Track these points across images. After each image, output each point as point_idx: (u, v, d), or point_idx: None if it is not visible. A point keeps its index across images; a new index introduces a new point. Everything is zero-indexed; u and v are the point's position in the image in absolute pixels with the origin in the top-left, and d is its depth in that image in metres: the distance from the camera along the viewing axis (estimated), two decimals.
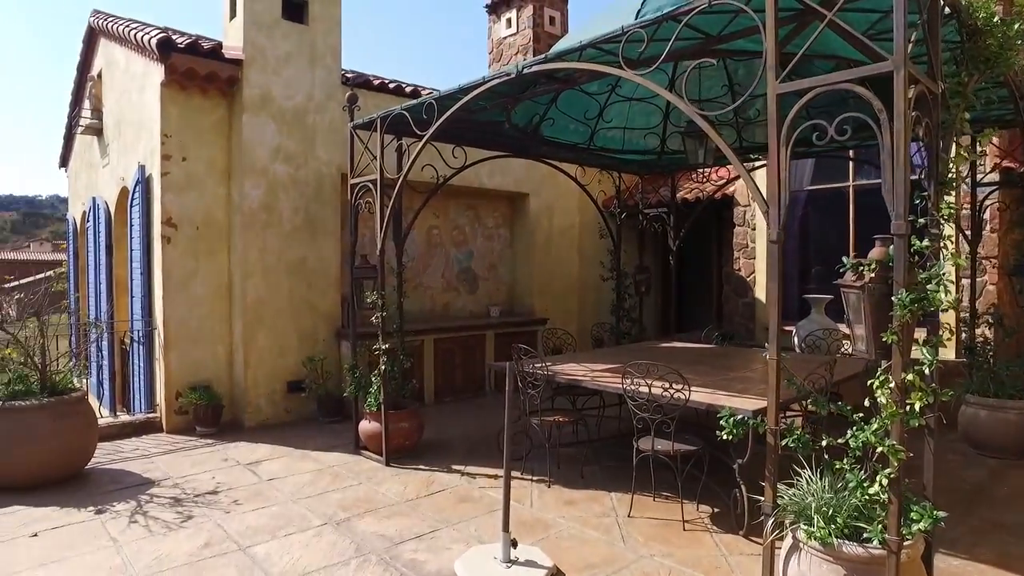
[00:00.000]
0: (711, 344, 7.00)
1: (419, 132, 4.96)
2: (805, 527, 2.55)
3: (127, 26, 7.27)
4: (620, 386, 4.29)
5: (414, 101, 5.00)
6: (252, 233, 6.59)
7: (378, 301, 5.24)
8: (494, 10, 12.18)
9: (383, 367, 5.25)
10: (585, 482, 4.90)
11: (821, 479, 2.68)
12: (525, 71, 4.12)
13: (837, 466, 2.64)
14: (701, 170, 8.03)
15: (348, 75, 7.53)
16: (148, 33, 6.56)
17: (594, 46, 3.79)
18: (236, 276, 6.64)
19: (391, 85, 7.84)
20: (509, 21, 12.18)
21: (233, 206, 6.70)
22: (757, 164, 7.00)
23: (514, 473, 5.11)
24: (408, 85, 8.07)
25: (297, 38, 7.01)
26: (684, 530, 4.02)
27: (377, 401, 5.29)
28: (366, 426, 5.45)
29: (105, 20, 8.31)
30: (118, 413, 7.37)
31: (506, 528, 3.56)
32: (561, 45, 4.45)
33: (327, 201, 7.12)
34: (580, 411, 5.43)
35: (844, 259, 2.88)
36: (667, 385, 4.00)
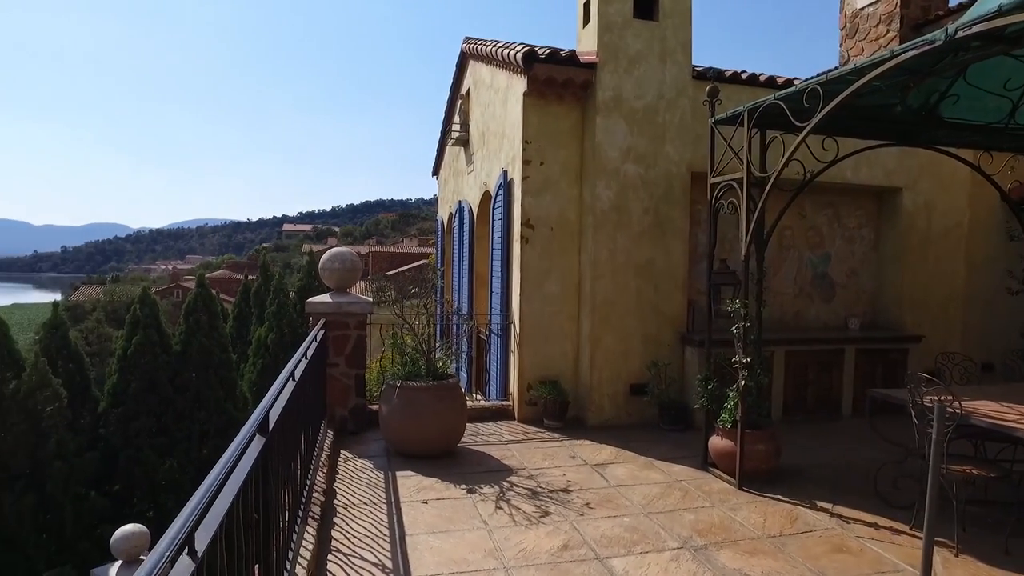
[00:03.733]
0: None
1: (797, 123, 4.38)
2: None
3: (493, 46, 7.96)
4: None
5: (791, 88, 4.44)
6: (603, 234, 6.68)
7: (740, 310, 4.81)
8: None
9: (742, 382, 4.80)
10: (1013, 561, 3.81)
11: None
12: (959, 34, 3.29)
13: None
14: None
15: (696, 69, 7.18)
16: (513, 49, 7.05)
17: None
18: (586, 276, 6.80)
19: (744, 76, 7.28)
20: None
21: (585, 207, 6.87)
22: None
23: (899, 525, 4.27)
24: (762, 74, 7.41)
25: (648, 36, 6.89)
26: None
27: (732, 418, 4.88)
28: (717, 443, 5.07)
29: (474, 44, 9.27)
30: (476, 397, 8.17)
31: None
32: None
33: (676, 201, 6.89)
34: (995, 462, 4.30)
35: None
36: None
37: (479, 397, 8.24)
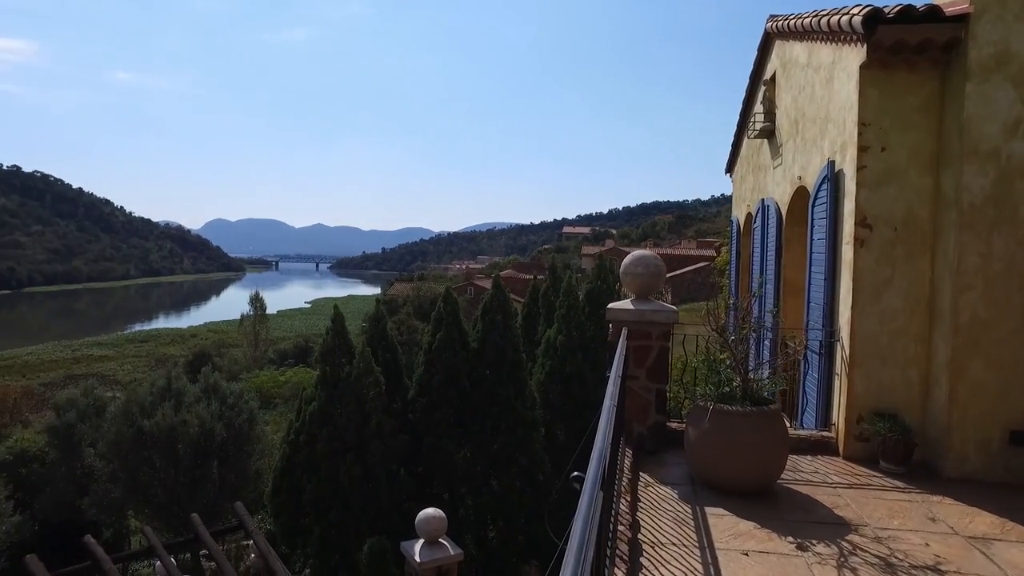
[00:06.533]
0: None
1: None
2: None
3: (814, 17, 6.83)
4: None
5: None
6: (971, 234, 5.22)
7: None
8: None
9: None
10: None
11: None
12: None
13: None
14: None
15: None
16: (847, 14, 5.90)
17: None
18: (943, 288, 5.40)
19: None
20: None
21: (943, 201, 5.47)
22: None
23: None
24: None
25: None
26: None
27: None
28: None
29: (784, 20, 8.18)
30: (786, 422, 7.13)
31: None
32: None
33: None
34: None
35: None
36: None
37: (789, 423, 7.19)
